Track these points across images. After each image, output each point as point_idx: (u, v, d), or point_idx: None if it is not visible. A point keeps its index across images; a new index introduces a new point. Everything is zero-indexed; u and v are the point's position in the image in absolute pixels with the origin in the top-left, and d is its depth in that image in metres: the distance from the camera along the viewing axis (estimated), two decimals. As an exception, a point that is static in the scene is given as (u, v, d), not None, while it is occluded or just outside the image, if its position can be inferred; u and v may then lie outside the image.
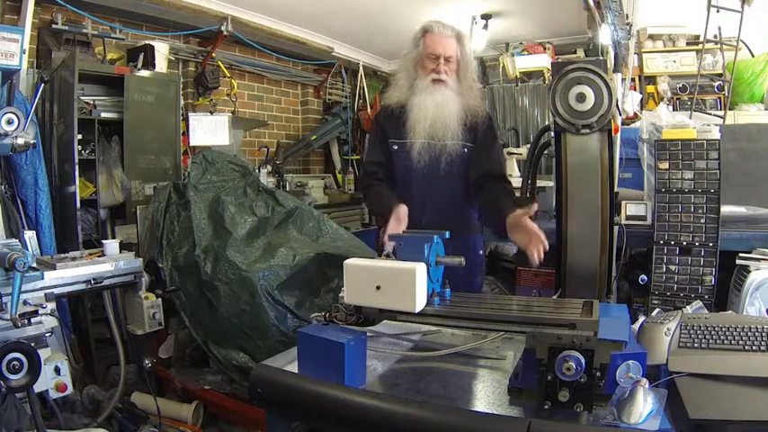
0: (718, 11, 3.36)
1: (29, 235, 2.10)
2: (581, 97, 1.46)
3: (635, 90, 3.80)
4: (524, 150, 3.17)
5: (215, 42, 3.96)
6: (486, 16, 4.38)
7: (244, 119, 4.42)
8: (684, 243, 2.17)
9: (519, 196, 2.07)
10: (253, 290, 2.02)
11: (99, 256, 2.06)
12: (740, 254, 2.07)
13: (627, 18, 2.84)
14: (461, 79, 1.92)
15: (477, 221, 2.02)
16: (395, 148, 1.95)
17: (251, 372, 1.30)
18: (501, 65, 4.65)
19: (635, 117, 3.21)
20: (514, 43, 4.78)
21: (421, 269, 1.16)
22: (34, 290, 1.75)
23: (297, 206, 2.48)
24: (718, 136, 2.18)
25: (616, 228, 2.13)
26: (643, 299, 2.28)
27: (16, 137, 2.01)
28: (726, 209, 2.20)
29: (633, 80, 3.91)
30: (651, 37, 4.40)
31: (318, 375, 1.17)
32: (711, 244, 2.13)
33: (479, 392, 1.18)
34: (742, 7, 3.35)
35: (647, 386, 0.98)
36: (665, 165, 2.23)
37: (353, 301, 1.24)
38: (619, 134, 2.43)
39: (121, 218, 3.15)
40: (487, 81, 4.78)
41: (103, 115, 3.06)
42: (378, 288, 1.17)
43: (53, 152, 2.92)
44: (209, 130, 3.71)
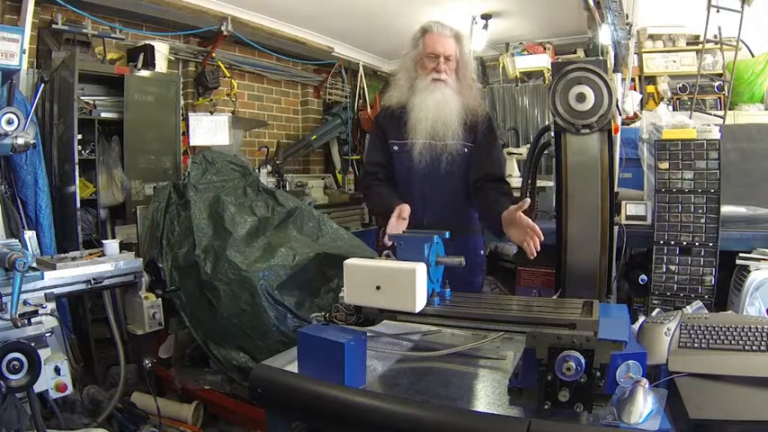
0: (718, 11, 3.36)
1: (29, 235, 2.10)
2: (581, 97, 1.46)
3: (635, 90, 3.79)
4: (524, 150, 3.18)
5: (215, 42, 3.96)
6: (486, 16, 4.38)
7: (244, 119, 4.42)
8: (684, 243, 2.17)
9: (519, 196, 2.07)
10: (253, 290, 2.02)
11: (99, 256, 2.06)
12: (740, 254, 2.07)
13: (627, 18, 2.84)
14: (461, 79, 1.92)
15: (477, 221, 2.02)
16: (395, 149, 1.95)
17: (251, 372, 1.30)
18: (501, 65, 4.66)
19: (635, 117, 3.21)
20: (514, 43, 4.78)
21: (421, 269, 1.16)
22: (34, 290, 1.75)
23: (297, 206, 2.48)
24: (718, 136, 2.18)
25: (616, 228, 2.13)
26: (643, 299, 2.28)
27: (16, 137, 2.01)
28: (726, 209, 2.20)
29: (633, 80, 3.90)
30: (651, 37, 4.40)
31: (318, 375, 1.17)
32: (711, 244, 2.13)
33: (479, 392, 1.18)
34: (742, 7, 3.35)
35: (647, 386, 0.98)
36: (665, 165, 2.23)
37: (353, 301, 1.24)
38: (619, 134, 2.43)
39: (121, 218, 3.15)
40: (487, 81, 4.78)
41: (103, 115, 3.06)
42: (378, 288, 1.17)
43: (53, 152, 2.92)
44: (209, 130, 3.70)
